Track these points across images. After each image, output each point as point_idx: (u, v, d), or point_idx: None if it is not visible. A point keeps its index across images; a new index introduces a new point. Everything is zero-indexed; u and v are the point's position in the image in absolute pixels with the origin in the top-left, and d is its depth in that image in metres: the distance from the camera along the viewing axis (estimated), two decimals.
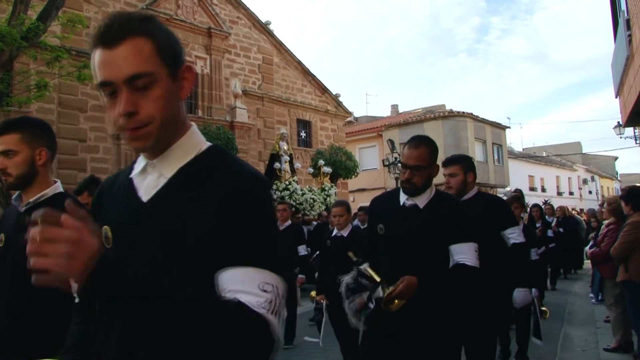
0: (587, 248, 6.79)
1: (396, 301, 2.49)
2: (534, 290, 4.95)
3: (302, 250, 7.00)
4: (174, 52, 1.22)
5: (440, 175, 3.73)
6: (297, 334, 7.09)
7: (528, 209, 9.29)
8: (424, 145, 2.74)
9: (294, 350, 6.73)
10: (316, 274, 7.70)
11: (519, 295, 3.57)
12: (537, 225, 8.77)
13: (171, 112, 1.20)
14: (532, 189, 35.16)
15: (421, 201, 2.73)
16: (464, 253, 2.63)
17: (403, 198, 2.78)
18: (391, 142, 21.25)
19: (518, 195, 6.25)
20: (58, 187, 2.31)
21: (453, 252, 2.65)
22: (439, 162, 3.77)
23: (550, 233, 9.75)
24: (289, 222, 7.12)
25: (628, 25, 8.85)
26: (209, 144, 1.31)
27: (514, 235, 3.58)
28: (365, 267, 2.63)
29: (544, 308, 5.33)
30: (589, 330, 7.35)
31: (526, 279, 3.58)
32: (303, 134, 21.83)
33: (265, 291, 1.11)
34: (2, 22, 9.14)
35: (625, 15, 9.08)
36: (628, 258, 5.00)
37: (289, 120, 21.06)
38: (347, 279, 2.67)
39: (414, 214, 2.71)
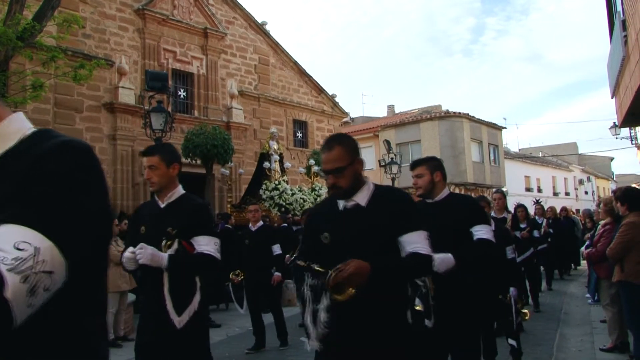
0: (582, 248, 6.80)
1: (348, 290, 2.26)
2: (511, 289, 4.97)
3: (277, 249, 7.03)
4: None
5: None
6: (294, 334, 7.09)
7: (512, 209, 9.17)
8: (337, 144, 2.56)
9: (289, 350, 6.73)
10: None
11: (440, 257, 3.22)
12: (522, 225, 8.61)
13: None
14: (528, 189, 35.27)
15: (362, 199, 2.55)
16: (416, 242, 2.48)
17: (342, 201, 2.59)
18: (387, 142, 21.26)
19: (483, 195, 6.24)
20: None
21: (404, 243, 2.48)
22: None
23: (536, 234, 9.48)
24: (261, 222, 7.15)
25: (624, 26, 8.88)
26: (35, 128, 1.26)
27: (480, 233, 3.51)
28: (314, 267, 2.46)
29: (524, 310, 5.24)
30: (584, 331, 7.36)
31: (465, 260, 3.35)
32: (299, 135, 21.83)
33: (18, 249, 0.98)
34: None
35: (621, 16, 9.10)
36: (624, 258, 5.01)
37: (285, 120, 21.06)
38: (308, 281, 2.48)
39: (358, 213, 2.53)
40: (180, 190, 3.29)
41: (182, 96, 17.82)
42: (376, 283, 2.31)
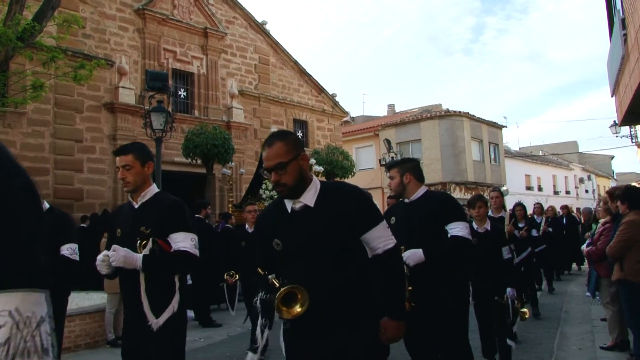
0: (583, 246, 6.79)
1: (298, 308, 2.20)
2: (508, 290, 4.91)
3: None
4: None
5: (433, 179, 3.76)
6: None
7: (509, 209, 9.02)
8: (278, 139, 2.42)
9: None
10: None
11: (409, 252, 3.44)
12: (520, 225, 8.42)
13: None
14: (528, 188, 35.26)
15: (309, 199, 2.40)
16: (380, 236, 2.41)
17: (289, 204, 2.45)
18: (388, 141, 21.27)
19: (481, 194, 6.08)
20: None
21: (368, 240, 2.41)
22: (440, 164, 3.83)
23: (535, 233, 9.26)
24: None
25: (623, 25, 8.88)
26: None
27: (454, 230, 3.54)
28: (271, 278, 2.37)
29: (524, 309, 5.18)
30: (585, 329, 7.36)
31: (435, 256, 3.47)
32: (300, 134, 21.82)
33: None
34: None
35: (621, 14, 9.10)
36: (623, 257, 5.01)
37: (285, 120, 21.06)
38: (260, 294, 2.40)
39: (307, 215, 2.39)
40: (154, 188, 3.21)
41: (182, 96, 17.82)
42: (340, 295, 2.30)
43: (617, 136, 21.53)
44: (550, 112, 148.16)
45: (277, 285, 2.28)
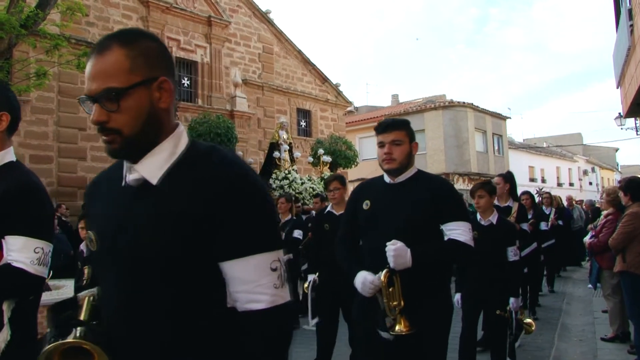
0: (586, 238, 6.77)
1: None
2: (511, 300, 4.28)
3: None
4: None
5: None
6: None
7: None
8: (117, 43, 1.28)
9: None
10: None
11: (398, 249, 2.56)
12: (528, 216, 7.24)
13: None
14: (532, 179, 35.20)
15: (152, 170, 1.31)
16: (247, 281, 1.25)
17: (126, 170, 1.36)
18: None
19: (489, 181, 5.05)
20: None
21: (226, 277, 1.28)
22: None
23: (544, 226, 8.10)
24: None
25: (630, 15, 8.82)
26: None
27: (455, 233, 2.68)
28: (85, 294, 1.39)
29: (528, 320, 4.61)
30: (586, 321, 7.39)
31: (425, 260, 2.60)
32: (303, 124, 21.80)
33: None
34: (1, 10, 9.10)
35: (628, 5, 9.04)
36: (626, 249, 5.02)
37: (289, 109, 21.02)
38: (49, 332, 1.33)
39: (143, 199, 1.29)
40: (7, 155, 2.03)
41: (185, 85, 17.79)
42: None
43: (622, 128, 21.31)
44: (554, 103, 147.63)
45: (80, 319, 1.32)
